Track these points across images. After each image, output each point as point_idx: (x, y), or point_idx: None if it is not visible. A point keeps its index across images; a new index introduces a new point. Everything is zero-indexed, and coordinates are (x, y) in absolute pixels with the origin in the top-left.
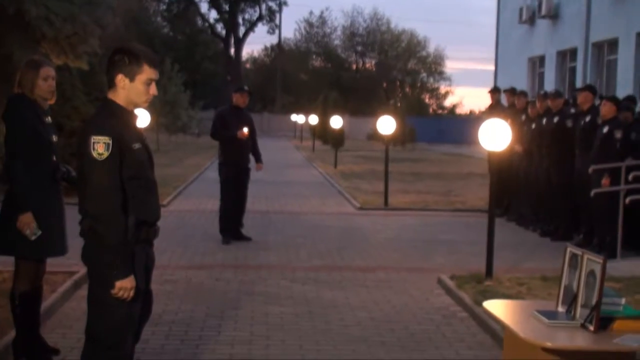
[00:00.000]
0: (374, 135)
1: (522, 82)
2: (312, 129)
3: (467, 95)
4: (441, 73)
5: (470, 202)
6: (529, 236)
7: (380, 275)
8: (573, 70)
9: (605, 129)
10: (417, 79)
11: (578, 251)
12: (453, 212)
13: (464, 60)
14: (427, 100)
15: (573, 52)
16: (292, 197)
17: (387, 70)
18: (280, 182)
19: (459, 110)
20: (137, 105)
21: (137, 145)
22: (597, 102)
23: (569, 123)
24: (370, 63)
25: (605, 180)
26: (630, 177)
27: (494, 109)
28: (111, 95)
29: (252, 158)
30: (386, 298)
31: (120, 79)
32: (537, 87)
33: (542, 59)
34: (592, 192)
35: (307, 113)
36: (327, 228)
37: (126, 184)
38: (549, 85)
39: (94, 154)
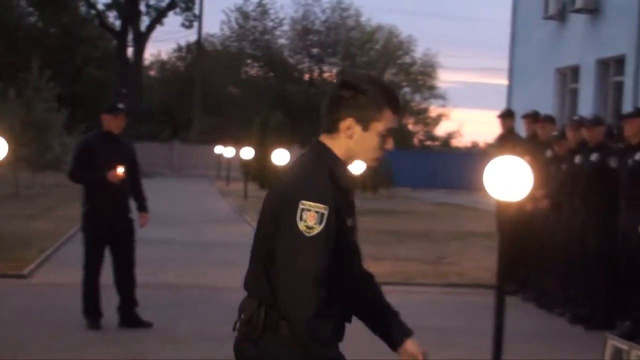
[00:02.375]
0: None
1: (547, 104)
2: (245, 166)
3: (469, 120)
4: (432, 88)
5: (470, 274)
6: (555, 323)
7: None
8: (619, 87)
9: None
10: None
11: (624, 345)
12: (446, 288)
13: (464, 70)
14: (411, 127)
15: (619, 62)
16: (215, 266)
17: None
18: (196, 243)
19: (456, 142)
20: (359, 161)
21: (350, 222)
22: None
23: (613, 162)
24: (330, 72)
25: None
26: None
27: (507, 140)
28: (328, 142)
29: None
30: None
31: (349, 125)
32: (569, 110)
33: (575, 71)
34: None
35: (237, 143)
36: None
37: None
38: (586, 108)
39: (301, 226)
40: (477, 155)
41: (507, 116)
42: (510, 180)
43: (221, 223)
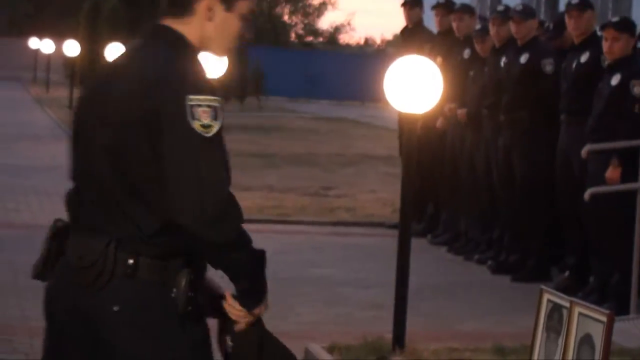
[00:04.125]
0: None
1: None
2: (70, 65)
3: (362, 9)
4: None
5: (364, 209)
6: (472, 272)
7: None
8: None
9: (615, 80)
10: None
11: (562, 300)
12: (333, 227)
13: None
14: (286, 19)
15: None
16: (32, 197)
17: None
18: (7, 168)
19: (345, 38)
20: (214, 50)
21: None
22: (599, 30)
23: (549, 66)
24: None
25: (612, 172)
26: None
27: (413, 36)
28: (180, 28)
29: None
30: None
31: (211, 4)
32: None
33: None
34: (588, 193)
35: (59, 36)
36: None
37: None
38: None
39: (196, 126)
40: (372, 56)
41: (413, 5)
42: (416, 88)
43: (40, 141)
